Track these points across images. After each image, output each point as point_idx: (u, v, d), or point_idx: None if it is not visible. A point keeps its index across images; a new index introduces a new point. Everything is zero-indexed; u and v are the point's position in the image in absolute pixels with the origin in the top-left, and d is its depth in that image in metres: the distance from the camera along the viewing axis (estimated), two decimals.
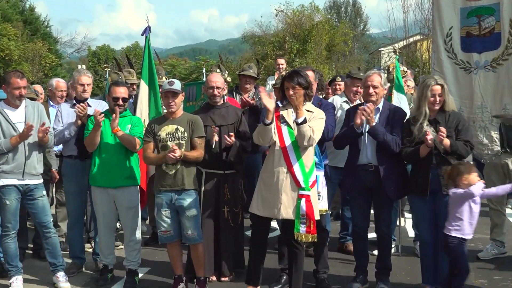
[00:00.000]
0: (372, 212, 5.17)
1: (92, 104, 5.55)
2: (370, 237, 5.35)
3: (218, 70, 6.97)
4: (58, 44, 37.17)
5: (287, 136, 4.48)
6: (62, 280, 5.17)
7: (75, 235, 5.61)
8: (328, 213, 5.38)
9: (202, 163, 5.09)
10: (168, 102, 4.86)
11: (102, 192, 5.12)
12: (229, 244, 5.29)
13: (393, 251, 5.81)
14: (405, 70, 7.38)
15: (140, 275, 5.42)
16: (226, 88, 5.78)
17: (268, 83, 9.48)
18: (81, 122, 5.34)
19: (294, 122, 4.42)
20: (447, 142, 4.50)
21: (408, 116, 5.03)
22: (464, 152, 4.60)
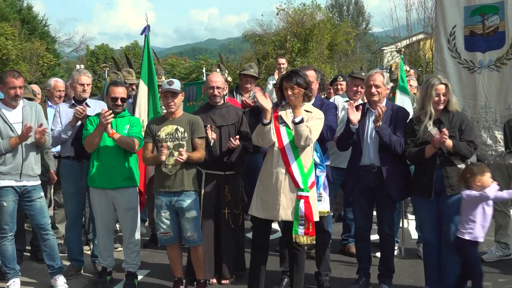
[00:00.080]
0: (375, 214, 5.17)
1: (91, 105, 5.57)
2: (373, 239, 5.34)
3: (218, 70, 6.98)
4: (56, 44, 37.15)
5: (286, 137, 4.48)
6: (60, 283, 5.17)
7: (74, 237, 5.61)
8: (330, 215, 5.37)
9: (202, 164, 5.09)
10: (168, 102, 4.86)
11: (101, 194, 5.11)
12: (230, 246, 5.29)
13: (396, 253, 5.81)
14: (408, 70, 7.38)
15: (140, 278, 5.43)
16: (227, 88, 5.79)
17: (269, 83, 9.49)
18: (78, 122, 5.35)
19: (292, 122, 4.43)
20: (450, 143, 4.50)
21: (411, 116, 5.03)
22: (467, 153, 4.59)
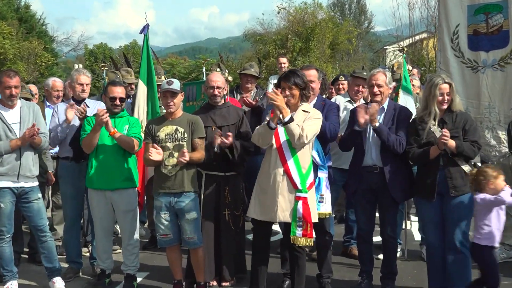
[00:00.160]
0: (377, 215, 5.17)
1: (90, 104, 5.58)
2: (375, 241, 5.35)
3: (218, 69, 6.98)
4: (54, 43, 37.16)
5: (283, 136, 4.52)
6: (59, 285, 5.18)
7: (72, 239, 5.61)
8: (332, 216, 5.38)
9: (202, 165, 5.09)
10: (167, 102, 4.87)
11: (99, 195, 5.12)
12: (230, 248, 5.29)
13: (399, 255, 5.82)
14: (410, 69, 7.38)
15: (139, 280, 5.43)
16: (227, 88, 5.79)
17: (270, 83, 9.48)
18: (77, 122, 5.35)
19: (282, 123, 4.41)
20: (452, 144, 4.49)
21: (414, 116, 5.03)
22: (471, 153, 4.59)
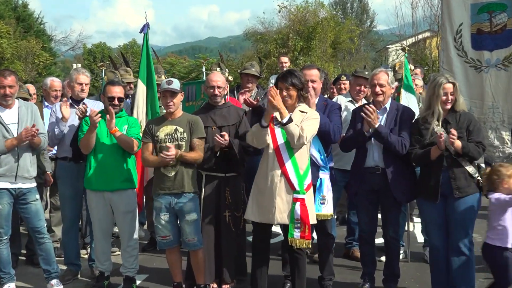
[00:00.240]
0: (380, 217, 5.17)
1: (89, 104, 5.58)
2: (378, 243, 5.35)
3: (218, 69, 6.97)
4: (52, 42, 37.26)
5: (280, 137, 4.52)
6: None
7: (70, 241, 5.62)
8: (334, 218, 5.38)
9: (202, 166, 5.09)
10: (167, 102, 4.87)
11: (98, 196, 5.12)
12: (231, 250, 5.28)
13: (402, 257, 5.81)
14: (412, 68, 7.38)
15: (138, 282, 5.43)
16: (228, 88, 5.79)
17: (271, 82, 9.49)
18: (76, 122, 5.36)
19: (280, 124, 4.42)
20: (459, 144, 4.48)
21: (417, 116, 5.03)
22: (476, 154, 4.58)
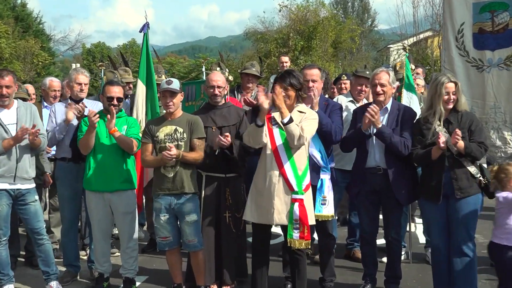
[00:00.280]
0: (381, 217, 5.17)
1: (88, 105, 5.57)
2: (379, 244, 5.35)
3: (218, 69, 6.97)
4: (51, 42, 37.29)
5: (279, 138, 4.52)
6: None
7: (69, 242, 5.61)
8: (335, 219, 5.38)
9: (203, 166, 5.09)
10: (166, 102, 4.87)
11: (97, 197, 5.12)
12: (231, 251, 5.28)
13: (403, 258, 5.81)
14: (413, 68, 7.37)
15: (138, 284, 5.43)
16: (228, 88, 5.79)
17: (271, 82, 9.48)
18: (75, 122, 5.36)
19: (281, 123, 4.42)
20: (462, 144, 4.47)
21: (419, 116, 5.03)
22: (479, 154, 4.58)
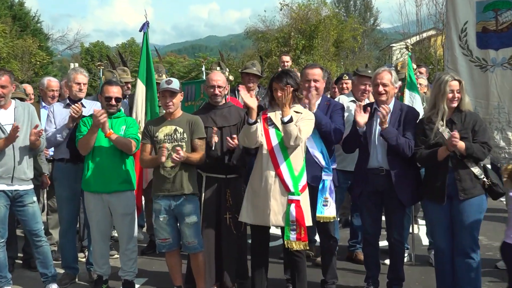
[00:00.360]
0: (384, 219, 5.17)
1: (86, 105, 5.58)
2: (382, 245, 5.35)
3: (219, 68, 6.97)
4: (49, 41, 37.34)
5: (274, 138, 4.54)
6: None
7: (68, 244, 5.61)
8: (337, 220, 5.38)
9: (203, 167, 5.09)
10: (166, 102, 4.87)
11: (96, 198, 5.12)
12: (231, 253, 5.28)
13: (406, 260, 5.81)
14: (415, 68, 7.37)
15: (137, 286, 5.44)
16: (228, 87, 5.79)
17: None
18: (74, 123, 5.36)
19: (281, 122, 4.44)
20: (462, 145, 4.46)
21: (422, 116, 5.02)
22: (481, 155, 4.57)
